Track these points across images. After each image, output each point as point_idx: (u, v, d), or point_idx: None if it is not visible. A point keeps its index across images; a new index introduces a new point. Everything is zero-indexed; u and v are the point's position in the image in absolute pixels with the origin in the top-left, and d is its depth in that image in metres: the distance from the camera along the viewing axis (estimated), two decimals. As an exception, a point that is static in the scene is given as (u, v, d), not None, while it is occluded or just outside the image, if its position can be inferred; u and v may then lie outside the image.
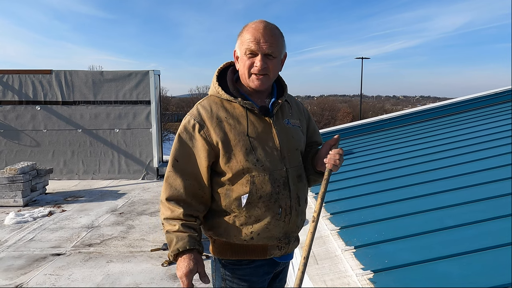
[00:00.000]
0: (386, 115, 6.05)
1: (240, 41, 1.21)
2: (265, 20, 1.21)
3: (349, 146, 4.79)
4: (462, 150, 3.29)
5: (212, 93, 1.28)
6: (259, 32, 1.17)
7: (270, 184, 1.21)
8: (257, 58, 1.18)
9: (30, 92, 6.64)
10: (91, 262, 3.33)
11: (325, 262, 1.99)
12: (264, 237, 1.23)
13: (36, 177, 5.45)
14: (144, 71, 6.67)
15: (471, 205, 2.09)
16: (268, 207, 1.21)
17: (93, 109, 6.72)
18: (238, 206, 1.21)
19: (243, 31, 1.21)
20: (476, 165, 2.78)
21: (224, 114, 1.22)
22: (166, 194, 1.22)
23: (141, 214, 4.76)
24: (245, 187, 1.20)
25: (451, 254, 1.60)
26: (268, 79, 1.22)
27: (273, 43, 1.18)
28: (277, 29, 1.22)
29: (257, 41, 1.17)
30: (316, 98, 64.51)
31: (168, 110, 26.30)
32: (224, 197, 1.23)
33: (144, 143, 6.80)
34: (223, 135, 1.19)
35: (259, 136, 1.22)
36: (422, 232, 1.88)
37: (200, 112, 1.23)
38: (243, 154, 1.19)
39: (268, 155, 1.22)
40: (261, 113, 1.23)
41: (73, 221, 4.47)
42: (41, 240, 3.86)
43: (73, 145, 6.77)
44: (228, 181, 1.21)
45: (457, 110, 5.35)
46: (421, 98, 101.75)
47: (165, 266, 3.23)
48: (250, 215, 1.21)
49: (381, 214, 2.28)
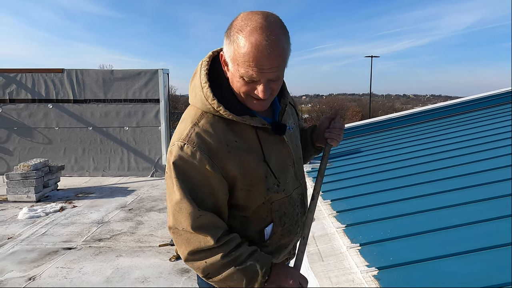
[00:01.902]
0: (394, 114, 6.01)
1: (233, 52, 0.87)
2: (265, 22, 0.86)
3: (356, 145, 4.78)
4: (467, 150, 3.27)
5: (206, 110, 0.94)
6: (262, 54, 0.84)
7: (292, 207, 1.07)
8: (259, 86, 0.89)
9: (42, 90, 6.79)
10: (101, 256, 3.41)
11: (331, 259, 2.01)
12: (282, 257, 1.14)
13: (48, 174, 5.57)
14: (153, 69, 6.75)
15: (474, 205, 2.08)
16: (291, 231, 1.09)
17: (103, 107, 6.83)
18: (259, 238, 1.04)
19: (237, 37, 0.86)
20: (480, 165, 2.76)
21: (233, 137, 0.94)
22: (210, 237, 0.91)
23: (149, 210, 4.83)
24: (266, 217, 1.03)
25: (455, 252, 1.60)
26: (271, 100, 0.97)
27: (279, 64, 0.87)
28: (282, 32, 0.88)
29: (260, 68, 0.85)
30: (325, 97, 64.10)
31: (177, 108, 26.52)
32: (240, 230, 1.01)
33: (153, 141, 6.89)
34: (239, 166, 0.94)
35: (276, 157, 1.01)
36: (426, 230, 1.88)
37: (202, 138, 0.92)
38: (264, 184, 0.98)
39: (287, 176, 1.05)
40: (277, 134, 1.00)
41: (84, 216, 4.57)
42: (53, 235, 3.96)
43: (84, 142, 6.89)
44: (244, 215, 1.02)
45: (463, 110, 5.28)
46: (431, 97, 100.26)
47: (172, 261, 3.29)
48: (272, 244, 1.06)
49: (386, 212, 2.29)
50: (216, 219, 0.94)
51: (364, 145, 4.72)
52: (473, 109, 5.19)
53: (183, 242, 0.93)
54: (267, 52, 0.84)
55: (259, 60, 0.84)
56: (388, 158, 3.69)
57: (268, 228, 1.03)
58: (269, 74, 0.87)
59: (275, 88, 0.93)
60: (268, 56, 0.85)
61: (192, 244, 0.92)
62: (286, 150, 1.05)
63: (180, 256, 3.49)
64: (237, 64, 0.87)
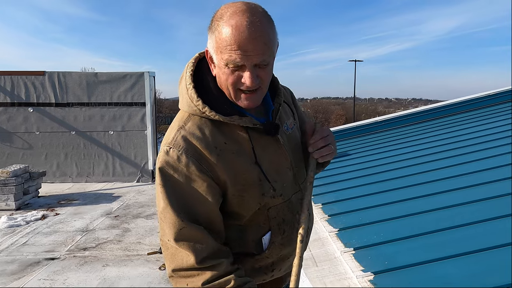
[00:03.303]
0: (380, 117, 6.11)
1: (215, 41, 0.84)
2: (245, 6, 0.83)
3: (344, 148, 4.83)
4: (459, 151, 3.34)
5: (192, 112, 0.90)
6: (244, 35, 0.80)
7: (291, 213, 0.99)
8: (245, 73, 0.84)
9: (22, 93, 6.55)
10: (86, 267, 3.28)
11: (325, 264, 1.99)
12: (284, 269, 1.06)
13: (28, 180, 5.37)
14: (139, 72, 6.63)
15: (468, 206, 2.12)
16: (291, 240, 1.00)
17: (87, 111, 6.65)
18: (257, 249, 0.97)
19: (217, 25, 0.83)
20: (472, 166, 2.82)
21: (222, 139, 0.89)
22: (193, 256, 0.85)
23: (136, 217, 4.72)
24: (264, 224, 0.96)
25: (450, 255, 1.62)
26: (261, 93, 0.90)
27: (263, 47, 0.82)
28: (265, 18, 0.85)
29: (243, 50, 0.81)
30: (309, 100, 64.89)
31: (161, 112, 26.26)
32: (237, 240, 0.96)
33: (139, 145, 6.75)
34: (230, 170, 0.88)
35: (270, 159, 0.95)
36: (421, 233, 1.90)
37: (189, 141, 0.87)
38: (258, 188, 0.92)
39: (284, 179, 0.98)
40: (269, 134, 0.94)
41: (67, 224, 4.41)
42: (34, 244, 3.79)
43: (67, 147, 6.69)
44: (239, 223, 0.96)
45: (451, 112, 5.42)
46: (413, 101, 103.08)
47: (162, 269, 3.21)
48: (272, 255, 0.99)
49: (379, 215, 2.30)
50: (203, 235, 0.86)
51: (352, 148, 4.76)
52: (460, 111, 5.33)
53: (168, 257, 0.89)
54: (248, 33, 0.80)
55: (241, 41, 0.80)
56: (377, 161, 3.73)
57: (266, 237, 0.96)
58: (253, 57, 0.82)
59: (263, 77, 0.86)
60: (250, 37, 0.80)
61: (175, 261, 0.87)
62: (282, 151, 0.97)
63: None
64: (220, 51, 0.83)
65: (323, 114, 37.86)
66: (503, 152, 2.93)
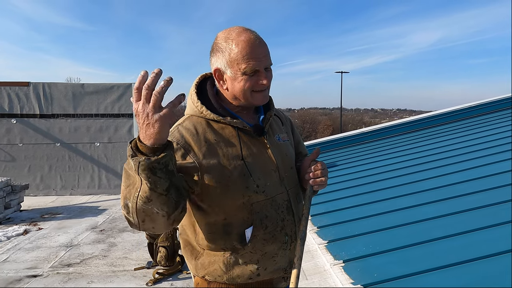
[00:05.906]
0: (369, 127, 6.21)
1: (228, 57, 1.01)
2: (244, 27, 1.05)
3: (332, 159, 4.88)
4: (446, 161, 3.41)
5: (193, 113, 1.09)
6: (255, 45, 1.01)
7: (275, 211, 1.07)
8: (261, 75, 1.03)
9: (5, 104, 6.40)
10: (70, 284, 3.18)
11: (315, 277, 1.99)
12: (271, 271, 1.10)
13: (10, 194, 5.20)
14: (126, 83, 6.59)
15: (455, 216, 2.16)
16: (275, 237, 1.08)
17: (73, 122, 6.53)
18: (240, 242, 1.05)
19: (227, 44, 1.02)
20: (457, 176, 2.88)
21: (213, 135, 1.04)
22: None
23: (123, 231, 4.61)
24: (247, 219, 1.05)
25: (439, 266, 1.64)
26: (268, 91, 1.10)
27: (268, 53, 1.05)
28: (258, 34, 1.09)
29: (257, 57, 1.01)
30: (297, 111, 65.41)
31: (149, 122, 25.95)
32: (222, 235, 1.06)
33: (125, 157, 6.64)
34: (216, 161, 1.01)
35: (255, 159, 1.07)
36: (410, 244, 1.93)
37: (182, 134, 1.03)
38: (241, 182, 1.03)
39: (268, 178, 1.08)
40: (255, 134, 1.08)
41: (51, 239, 4.27)
42: (15, 261, 3.65)
43: (51, 159, 6.53)
44: (225, 216, 1.05)
45: (438, 122, 5.56)
46: (397, 111, 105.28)
47: (150, 285, 3.13)
48: (256, 250, 1.06)
49: (367, 227, 2.32)
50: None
51: (340, 159, 4.82)
52: (449, 120, 5.46)
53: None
54: (257, 43, 1.02)
55: (255, 50, 1.01)
56: (365, 171, 3.77)
57: (248, 230, 1.05)
58: (264, 62, 1.03)
59: (270, 77, 1.07)
60: (259, 46, 1.02)
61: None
62: (268, 154, 1.10)
63: (158, 280, 3.32)
64: (237, 63, 1.01)
65: (311, 124, 38.18)
66: (494, 161, 3.00)
